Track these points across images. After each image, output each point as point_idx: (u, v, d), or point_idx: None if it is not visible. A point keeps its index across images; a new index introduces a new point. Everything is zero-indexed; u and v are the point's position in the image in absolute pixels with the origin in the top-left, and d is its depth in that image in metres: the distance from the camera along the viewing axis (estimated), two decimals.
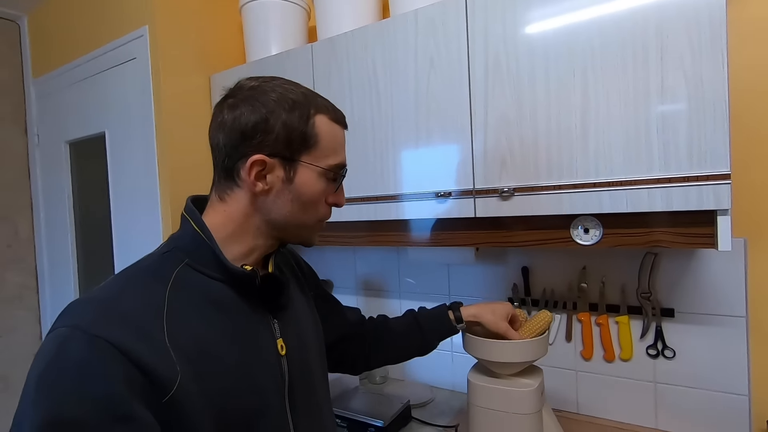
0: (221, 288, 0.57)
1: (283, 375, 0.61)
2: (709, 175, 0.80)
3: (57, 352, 0.44)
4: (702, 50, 0.81)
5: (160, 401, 0.46)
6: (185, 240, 0.59)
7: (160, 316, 0.50)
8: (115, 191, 1.57)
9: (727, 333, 1.08)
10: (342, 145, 0.64)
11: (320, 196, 0.62)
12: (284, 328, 0.63)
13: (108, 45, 1.53)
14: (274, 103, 0.57)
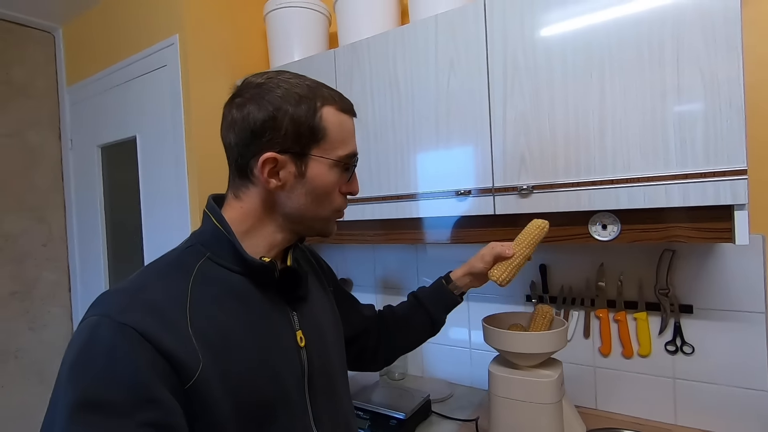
0: (241, 280, 0.58)
1: (302, 366, 0.62)
2: (726, 171, 0.82)
3: (88, 339, 0.47)
4: (717, 48, 0.83)
5: (182, 388, 0.48)
6: (206, 235, 0.60)
7: (183, 306, 0.52)
8: (145, 193, 1.64)
9: (747, 329, 1.09)
10: (351, 134, 0.64)
11: (333, 188, 0.62)
12: (303, 320, 0.65)
13: (140, 53, 1.60)
14: (281, 100, 0.58)
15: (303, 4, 1.53)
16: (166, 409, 0.46)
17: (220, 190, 1.68)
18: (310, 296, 0.69)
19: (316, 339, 0.66)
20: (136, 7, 1.62)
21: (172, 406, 0.46)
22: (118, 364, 0.45)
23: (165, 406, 0.46)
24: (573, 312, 1.31)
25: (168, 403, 0.46)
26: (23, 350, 1.79)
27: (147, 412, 0.44)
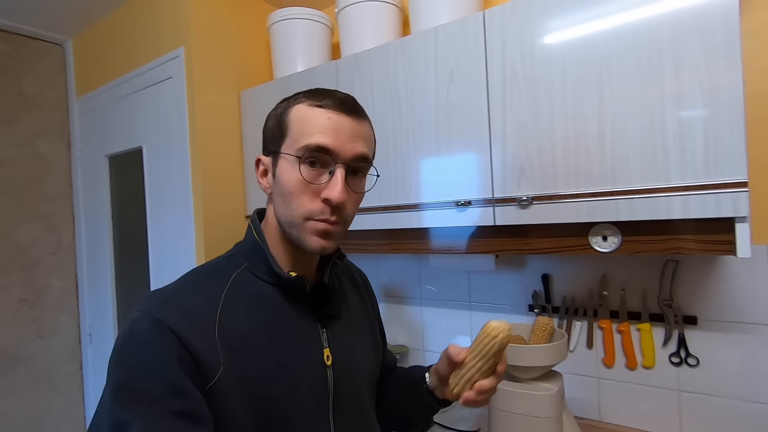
0: (273, 292, 0.60)
1: (327, 384, 0.61)
2: (727, 183, 0.82)
3: (129, 331, 0.52)
4: (717, 57, 0.83)
5: (203, 387, 0.50)
6: (246, 246, 0.63)
7: (213, 311, 0.55)
8: (150, 202, 1.67)
9: (753, 341, 1.07)
10: (319, 127, 0.56)
11: (299, 186, 0.56)
12: (333, 339, 0.63)
13: (146, 65, 1.63)
14: (275, 107, 0.62)
15: (306, 15, 1.55)
16: (193, 400, 0.49)
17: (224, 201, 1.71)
18: (345, 317, 0.68)
19: (346, 360, 0.64)
20: (144, 19, 1.65)
21: (198, 399, 0.49)
22: (151, 355, 0.49)
23: (193, 398, 0.49)
24: (576, 322, 1.30)
25: (195, 395, 0.49)
26: (31, 357, 1.82)
27: (176, 401, 0.48)
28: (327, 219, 0.56)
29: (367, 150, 0.60)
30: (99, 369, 1.92)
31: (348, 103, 0.58)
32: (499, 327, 0.59)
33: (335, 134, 0.56)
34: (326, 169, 0.57)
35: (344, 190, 0.56)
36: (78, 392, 1.97)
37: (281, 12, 1.56)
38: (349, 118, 0.58)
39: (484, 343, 0.60)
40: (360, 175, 0.60)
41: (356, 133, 0.58)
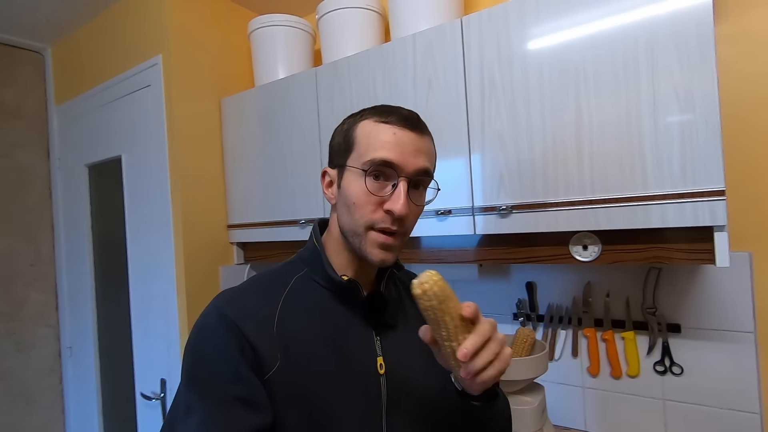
0: (329, 297, 0.63)
1: (379, 393, 0.61)
2: (704, 192, 0.81)
3: (201, 324, 0.58)
4: (692, 66, 0.82)
5: (262, 378, 0.54)
6: (307, 252, 0.67)
7: (273, 311, 0.59)
8: (130, 212, 1.63)
9: (736, 349, 1.06)
10: (384, 143, 0.58)
11: (363, 197, 0.58)
12: (388, 347, 0.63)
13: (124, 74, 1.61)
14: (342, 122, 0.65)
15: (287, 22, 1.53)
16: (254, 388, 0.53)
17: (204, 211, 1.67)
18: (402, 328, 0.67)
19: (401, 370, 0.64)
20: (122, 27, 1.63)
21: (258, 387, 0.54)
22: (217, 345, 0.55)
23: (253, 385, 0.53)
24: (561, 331, 1.28)
25: (255, 383, 0.54)
26: (10, 372, 1.77)
27: (237, 387, 0.53)
28: (388, 228, 0.58)
29: (429, 164, 0.62)
30: (80, 383, 1.87)
31: (411, 120, 0.61)
32: (419, 283, 0.49)
33: (399, 149, 0.58)
34: (389, 182, 0.59)
35: (406, 202, 0.58)
36: (58, 407, 1.92)
37: (262, 19, 1.54)
38: (413, 134, 0.60)
39: (423, 309, 0.50)
40: (421, 189, 0.63)
41: (418, 147, 0.60)
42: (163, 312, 1.50)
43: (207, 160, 1.56)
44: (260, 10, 1.74)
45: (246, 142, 1.53)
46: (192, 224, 1.48)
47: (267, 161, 1.47)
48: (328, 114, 1.32)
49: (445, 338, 0.50)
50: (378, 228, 0.58)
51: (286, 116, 1.42)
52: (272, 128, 1.46)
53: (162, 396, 1.51)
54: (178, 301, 1.46)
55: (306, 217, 1.37)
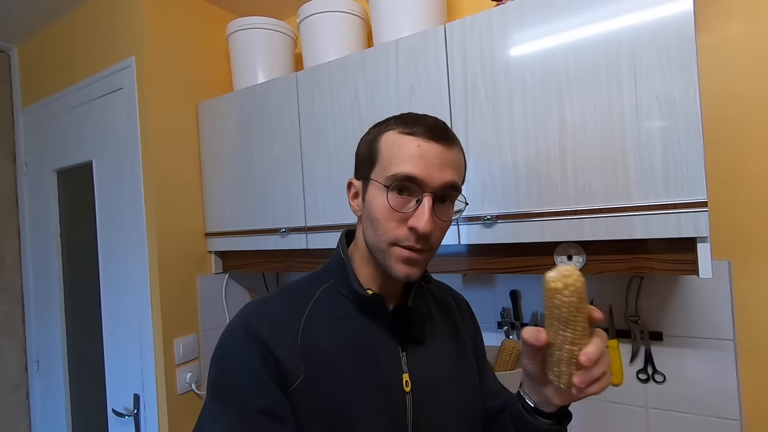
0: (355, 310, 0.61)
1: (404, 410, 0.59)
2: (687, 203, 0.80)
3: (226, 335, 0.58)
4: (673, 75, 0.82)
5: (286, 390, 0.54)
6: (333, 264, 0.66)
7: (297, 323, 0.58)
8: (101, 219, 1.56)
9: (717, 356, 1.07)
10: (408, 156, 0.56)
11: (387, 213, 0.56)
12: (414, 363, 0.62)
13: (95, 75, 1.54)
14: (368, 132, 0.63)
15: (266, 25, 1.49)
16: (278, 400, 0.52)
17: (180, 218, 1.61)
18: (430, 343, 0.66)
19: (427, 388, 0.62)
20: (93, 27, 1.56)
21: (282, 400, 0.53)
22: (241, 356, 0.54)
23: (277, 398, 0.53)
24: None
25: (279, 396, 0.53)
26: None
27: (261, 400, 0.52)
28: (412, 246, 0.56)
29: (456, 177, 0.58)
30: (48, 398, 1.78)
31: (437, 130, 0.57)
32: (560, 277, 0.45)
33: (423, 162, 0.56)
34: (413, 197, 0.57)
35: (430, 219, 0.55)
36: (24, 424, 1.82)
37: (240, 21, 1.49)
38: (439, 146, 0.57)
39: (555, 305, 0.46)
40: (448, 203, 0.59)
41: (444, 160, 0.57)
42: (137, 323, 1.44)
43: (183, 165, 1.50)
44: (239, 12, 1.70)
45: (224, 148, 1.48)
46: (168, 232, 1.42)
47: (246, 168, 1.43)
48: (309, 119, 1.28)
49: (569, 340, 0.47)
50: (402, 245, 0.57)
51: (265, 121, 1.38)
52: (251, 134, 1.41)
53: (135, 412, 1.44)
54: (152, 312, 1.39)
55: (287, 225, 1.33)
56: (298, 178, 1.30)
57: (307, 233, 1.29)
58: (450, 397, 0.64)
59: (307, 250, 1.31)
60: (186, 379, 1.44)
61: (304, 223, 1.29)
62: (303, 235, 1.30)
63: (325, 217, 1.25)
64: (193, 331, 1.49)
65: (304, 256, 1.37)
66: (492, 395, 0.73)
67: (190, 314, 1.48)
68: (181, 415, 1.41)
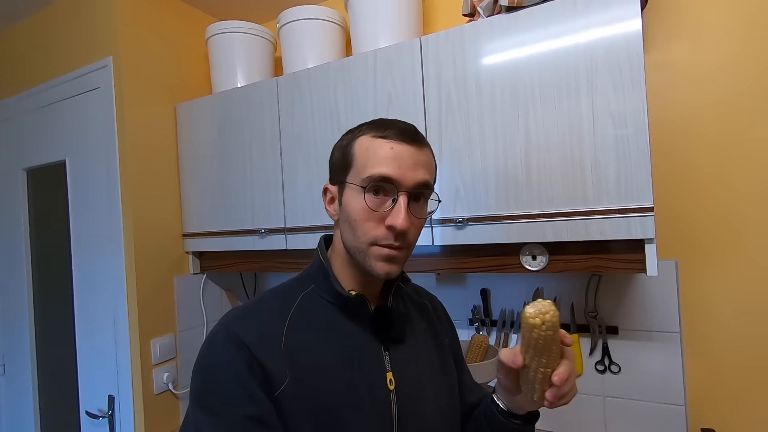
0: (337, 312, 0.63)
1: (390, 409, 0.61)
2: (636, 208, 0.89)
3: (209, 342, 0.58)
4: (624, 90, 0.91)
5: (271, 395, 0.54)
6: (313, 269, 0.67)
7: (280, 328, 0.59)
8: (75, 220, 1.55)
9: (665, 348, 1.17)
10: (382, 158, 0.58)
11: (364, 214, 0.59)
12: (396, 362, 0.63)
13: (70, 74, 1.52)
14: (341, 138, 0.65)
15: (246, 29, 1.51)
16: (264, 406, 0.53)
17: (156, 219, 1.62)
18: (410, 342, 0.68)
19: (410, 386, 0.64)
20: (68, 25, 1.54)
21: (268, 406, 0.53)
22: (225, 362, 0.54)
23: (263, 404, 0.53)
24: (513, 335, 1.36)
25: (265, 401, 0.53)
26: None
27: (247, 406, 0.52)
28: (391, 244, 0.59)
29: (428, 176, 0.61)
30: (14, 405, 1.74)
31: (408, 133, 0.61)
32: (538, 313, 0.50)
33: (397, 163, 0.58)
34: (389, 197, 0.59)
35: (407, 216, 0.58)
36: None
37: (220, 25, 1.51)
38: (411, 147, 0.60)
39: (532, 338, 0.51)
40: (422, 201, 0.62)
41: (417, 161, 0.60)
42: (113, 324, 1.43)
43: (161, 166, 1.51)
44: (219, 14, 1.71)
45: (203, 149, 1.50)
46: (145, 233, 1.43)
47: (225, 169, 1.45)
48: (289, 124, 1.32)
49: (544, 364, 0.52)
50: (381, 244, 0.59)
51: (245, 124, 1.41)
52: (231, 136, 1.44)
53: (110, 413, 1.44)
54: (129, 313, 1.39)
55: (266, 226, 1.36)
56: (278, 180, 1.33)
57: (286, 234, 1.33)
58: (431, 394, 0.67)
59: (287, 250, 1.34)
60: (163, 379, 1.44)
61: (284, 224, 1.33)
62: (282, 236, 1.33)
63: (305, 218, 1.29)
64: (170, 331, 1.49)
65: (284, 256, 1.40)
66: (470, 391, 0.78)
67: (167, 315, 1.49)
68: (157, 415, 1.42)
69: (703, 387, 1.15)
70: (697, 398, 1.15)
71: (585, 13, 0.94)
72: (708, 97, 1.13)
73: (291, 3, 1.54)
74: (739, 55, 1.10)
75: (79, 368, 1.54)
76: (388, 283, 0.67)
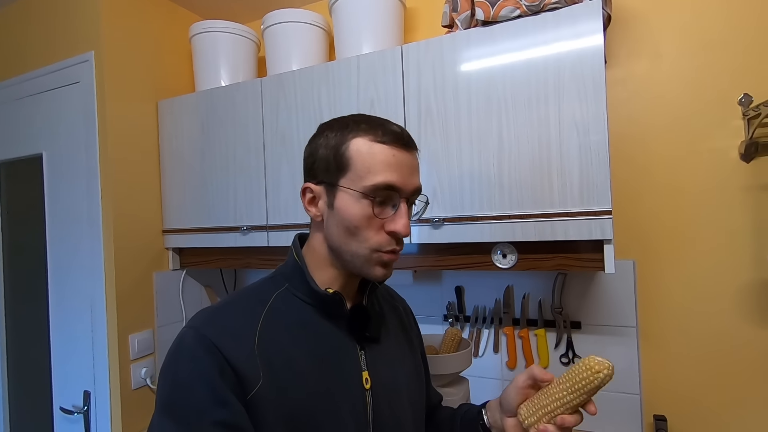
0: (312, 311, 0.62)
1: (365, 408, 0.61)
2: (596, 211, 0.97)
3: (177, 345, 0.55)
4: (588, 102, 0.99)
5: (244, 398, 0.53)
6: (288, 267, 0.65)
7: (254, 328, 0.58)
8: (51, 215, 1.53)
9: (623, 341, 1.27)
10: (386, 165, 0.58)
11: (363, 221, 0.58)
12: (372, 362, 0.63)
13: (49, 66, 1.51)
14: (324, 135, 0.62)
15: (230, 29, 1.54)
16: (235, 411, 0.51)
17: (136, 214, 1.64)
18: (385, 341, 0.68)
19: (386, 385, 0.64)
20: (48, 17, 1.52)
21: (240, 410, 0.51)
22: (195, 366, 0.52)
23: (234, 409, 0.51)
24: (484, 330, 1.43)
25: (236, 406, 0.51)
26: None
27: (218, 412, 0.50)
28: (393, 249, 0.60)
29: (420, 182, 0.63)
30: None
31: (405, 138, 0.61)
32: (604, 363, 0.54)
33: (399, 171, 0.58)
34: (389, 203, 0.59)
35: (408, 222, 0.60)
36: None
37: (204, 24, 1.53)
38: (408, 154, 0.60)
39: (582, 377, 0.54)
40: (410, 204, 0.63)
41: (413, 167, 0.61)
42: (89, 319, 1.43)
43: (142, 162, 1.51)
44: (203, 13, 1.72)
45: (185, 147, 1.51)
46: (124, 228, 1.43)
47: (207, 166, 1.47)
48: (273, 124, 1.35)
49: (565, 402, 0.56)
50: (384, 251, 0.59)
51: (228, 123, 1.43)
52: (214, 134, 1.46)
53: (85, 409, 1.43)
54: (107, 309, 1.39)
55: (249, 224, 1.39)
56: (261, 178, 1.36)
57: (268, 231, 1.36)
58: (405, 393, 0.68)
59: (269, 247, 1.37)
60: (141, 375, 1.45)
61: (266, 221, 1.36)
62: (264, 233, 1.36)
63: (287, 216, 1.32)
64: (149, 326, 1.50)
65: (265, 253, 1.43)
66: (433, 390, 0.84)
67: (145, 310, 1.49)
68: (135, 410, 1.42)
69: (656, 377, 1.24)
70: (651, 387, 1.25)
71: (554, 29, 1.01)
72: (663, 111, 1.23)
73: (276, 5, 1.58)
74: (693, 72, 1.20)
75: (53, 363, 1.52)
76: (364, 282, 0.68)
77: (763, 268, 1.12)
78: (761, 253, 1.12)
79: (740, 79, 1.15)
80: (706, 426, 1.19)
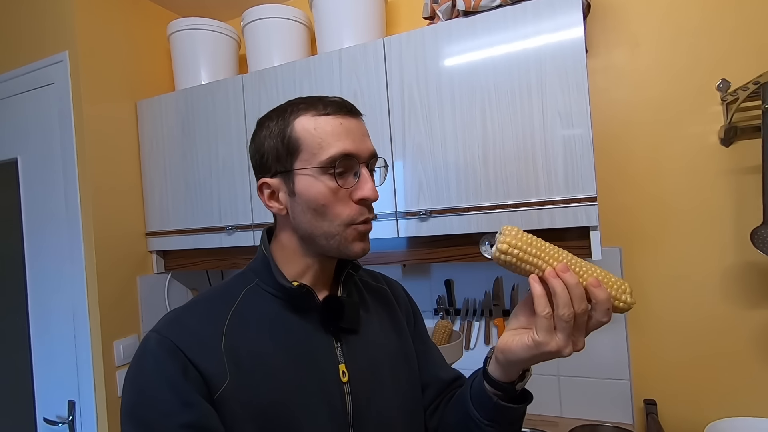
0: (282, 306, 0.60)
1: (344, 403, 0.58)
2: (582, 198, 0.98)
3: (140, 350, 0.54)
4: (570, 91, 0.99)
5: (211, 398, 0.52)
6: (257, 263, 0.63)
7: (220, 327, 0.56)
8: (28, 220, 1.49)
9: (612, 329, 1.28)
10: (336, 135, 0.56)
11: (331, 196, 0.57)
12: (350, 354, 0.61)
13: (22, 68, 1.46)
14: (266, 127, 0.60)
15: (209, 27, 1.51)
16: (202, 412, 0.50)
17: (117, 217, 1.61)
18: (366, 329, 0.66)
19: (365, 376, 0.62)
20: (19, 17, 1.48)
21: (207, 410, 0.50)
22: (159, 370, 0.51)
23: (201, 410, 0.50)
24: (475, 322, 1.43)
25: (203, 407, 0.50)
26: None
27: (185, 414, 0.49)
28: (367, 218, 0.59)
29: (374, 146, 0.62)
30: None
31: (348, 107, 0.60)
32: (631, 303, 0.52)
33: (351, 138, 0.57)
34: (350, 172, 0.58)
35: (374, 186, 0.59)
36: None
37: (182, 22, 1.50)
38: (354, 120, 0.59)
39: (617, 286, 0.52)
40: (371, 170, 0.62)
41: (364, 132, 0.60)
42: (72, 327, 1.39)
43: (122, 164, 1.47)
44: (180, 11, 1.69)
45: (166, 147, 1.48)
46: (106, 232, 1.39)
47: (189, 167, 1.44)
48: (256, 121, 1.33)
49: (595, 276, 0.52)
50: (358, 222, 0.58)
51: (210, 122, 1.40)
52: (195, 133, 1.43)
53: (70, 419, 1.39)
54: (90, 315, 1.36)
55: (233, 223, 1.36)
56: (245, 177, 1.34)
57: (254, 230, 1.34)
58: (390, 384, 0.65)
59: (255, 246, 1.35)
60: None
61: (251, 220, 1.34)
62: (250, 232, 1.34)
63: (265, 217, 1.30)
64: (134, 332, 1.46)
65: (251, 253, 1.40)
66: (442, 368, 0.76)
67: (130, 315, 1.46)
68: None
69: (645, 362, 1.26)
70: (640, 372, 1.26)
71: (534, 20, 1.01)
72: (644, 99, 1.24)
73: (254, 1, 1.55)
74: (673, 60, 1.22)
75: (35, 373, 1.48)
76: (339, 271, 0.66)
77: (746, 250, 1.14)
78: (743, 235, 1.14)
79: (718, 65, 1.17)
80: (696, 408, 1.21)
